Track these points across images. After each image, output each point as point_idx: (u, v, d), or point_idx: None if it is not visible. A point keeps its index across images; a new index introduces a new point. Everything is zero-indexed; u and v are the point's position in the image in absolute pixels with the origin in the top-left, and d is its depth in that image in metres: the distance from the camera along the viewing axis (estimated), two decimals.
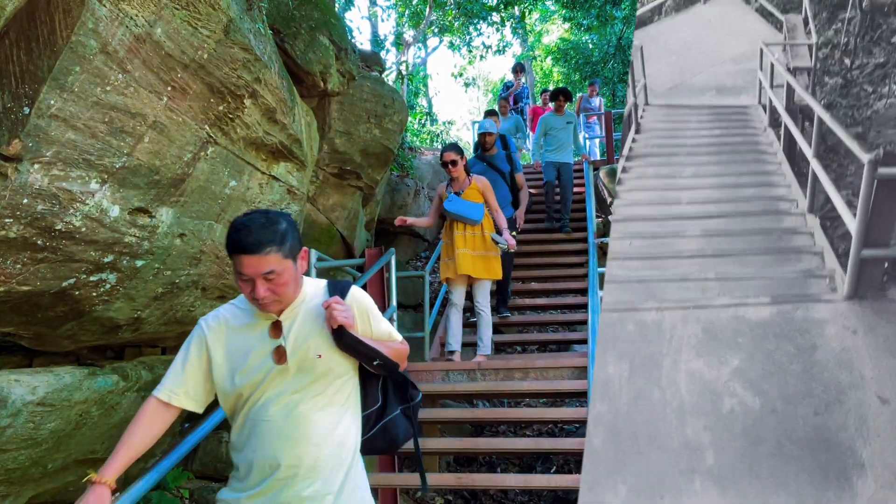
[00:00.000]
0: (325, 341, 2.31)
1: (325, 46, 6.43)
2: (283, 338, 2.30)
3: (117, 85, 3.44)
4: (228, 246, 2.18)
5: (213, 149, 4.38)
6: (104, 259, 3.85)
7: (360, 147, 7.66)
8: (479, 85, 32.26)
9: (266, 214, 2.23)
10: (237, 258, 2.16)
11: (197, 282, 4.78)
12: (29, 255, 3.45)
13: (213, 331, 2.38)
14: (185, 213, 4.35)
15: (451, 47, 22.18)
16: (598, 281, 5.69)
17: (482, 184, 6.30)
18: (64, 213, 3.43)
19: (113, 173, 3.61)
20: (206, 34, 3.86)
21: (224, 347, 2.36)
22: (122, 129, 3.56)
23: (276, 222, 2.20)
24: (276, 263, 2.16)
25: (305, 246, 2.37)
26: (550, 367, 5.52)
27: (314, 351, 2.30)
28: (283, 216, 2.26)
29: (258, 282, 2.17)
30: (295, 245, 2.25)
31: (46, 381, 3.96)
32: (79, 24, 3.15)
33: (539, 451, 6.10)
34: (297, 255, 2.28)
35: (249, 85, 4.41)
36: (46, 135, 3.20)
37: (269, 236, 2.14)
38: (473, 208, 6.14)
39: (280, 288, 2.22)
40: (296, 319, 2.34)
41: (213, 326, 2.39)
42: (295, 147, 5.29)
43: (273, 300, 2.23)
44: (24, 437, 3.89)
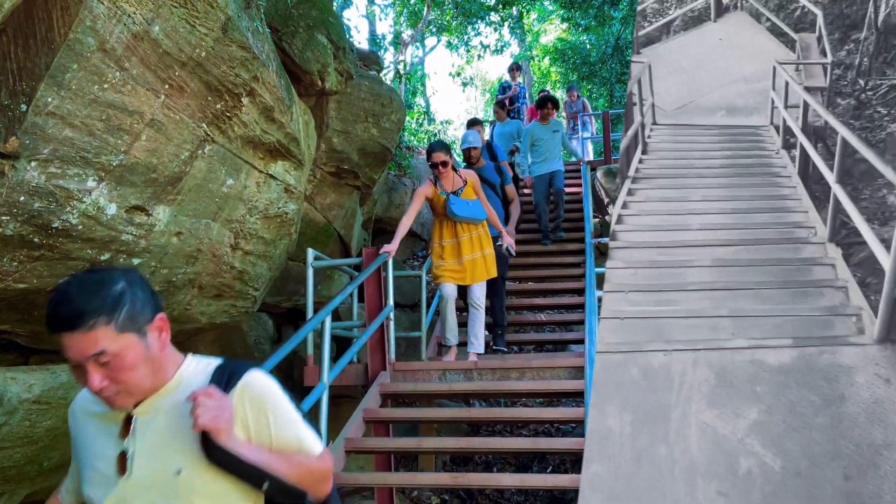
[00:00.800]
0: (190, 452, 1.61)
1: (323, 45, 6.43)
2: (129, 441, 1.65)
3: (115, 83, 3.44)
4: (46, 322, 1.56)
5: (210, 147, 4.37)
6: (101, 257, 3.84)
7: (357, 146, 7.65)
8: (476, 84, 32.22)
9: (95, 273, 1.63)
10: (57, 338, 1.55)
11: (194, 280, 4.78)
12: (25, 252, 3.44)
13: (75, 418, 1.80)
14: (182, 211, 4.35)
15: (449, 47, 22.17)
16: (595, 281, 5.69)
17: (474, 178, 6.12)
18: (61, 210, 3.42)
19: (110, 171, 3.61)
20: (204, 32, 3.86)
21: (79, 443, 1.78)
22: (119, 127, 3.55)
23: (106, 283, 1.57)
24: (107, 341, 1.53)
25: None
26: (547, 366, 5.52)
27: (172, 464, 1.61)
28: (122, 274, 1.63)
29: (89, 368, 1.54)
30: (140, 313, 1.60)
31: (42, 378, 3.96)
32: (76, 22, 3.15)
33: (535, 451, 6.10)
34: (147, 326, 1.61)
35: (247, 83, 4.40)
36: (44, 132, 3.19)
37: (93, 304, 1.53)
38: (478, 207, 5.99)
39: (122, 374, 1.57)
40: (156, 415, 1.66)
41: (75, 413, 1.80)
42: (292, 146, 5.29)
43: (116, 391, 1.59)
44: (20, 434, 3.89)
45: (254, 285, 5.54)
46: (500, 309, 7.19)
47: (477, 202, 6.00)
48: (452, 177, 6.00)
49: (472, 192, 6.02)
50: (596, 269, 5.96)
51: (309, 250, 5.74)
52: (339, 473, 4.47)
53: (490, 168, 7.36)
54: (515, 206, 7.52)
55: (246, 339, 6.74)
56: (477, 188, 6.06)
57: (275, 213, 5.38)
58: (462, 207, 5.88)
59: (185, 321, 5.06)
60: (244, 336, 6.74)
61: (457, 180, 6.03)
